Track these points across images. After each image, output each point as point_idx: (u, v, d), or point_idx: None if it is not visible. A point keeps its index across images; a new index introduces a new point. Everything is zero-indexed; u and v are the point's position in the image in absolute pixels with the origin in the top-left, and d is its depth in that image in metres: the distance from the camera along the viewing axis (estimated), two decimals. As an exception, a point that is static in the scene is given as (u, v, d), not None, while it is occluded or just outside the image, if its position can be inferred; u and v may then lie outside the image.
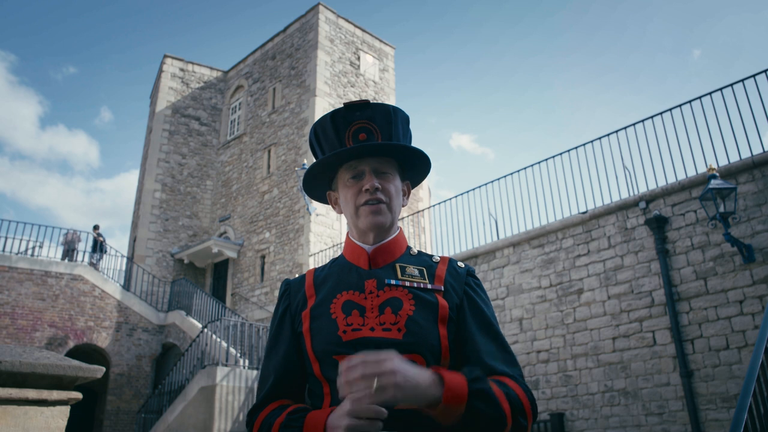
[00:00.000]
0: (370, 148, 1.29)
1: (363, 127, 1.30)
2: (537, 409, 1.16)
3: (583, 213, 9.13)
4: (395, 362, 1.00)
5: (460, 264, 1.35)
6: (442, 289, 1.27)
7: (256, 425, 1.23)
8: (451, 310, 1.24)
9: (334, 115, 1.32)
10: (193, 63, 22.57)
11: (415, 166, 1.39)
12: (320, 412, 1.14)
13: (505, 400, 1.09)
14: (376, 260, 1.31)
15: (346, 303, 1.25)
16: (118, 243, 78.20)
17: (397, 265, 1.30)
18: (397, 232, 1.37)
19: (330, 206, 1.48)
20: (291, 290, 1.38)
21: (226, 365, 11.22)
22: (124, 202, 67.19)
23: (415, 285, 1.26)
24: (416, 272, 1.29)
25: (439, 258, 1.36)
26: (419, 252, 1.38)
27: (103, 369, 2.43)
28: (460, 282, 1.30)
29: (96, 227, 17.47)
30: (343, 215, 1.48)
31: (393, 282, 1.26)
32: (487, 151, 75.99)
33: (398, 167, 1.36)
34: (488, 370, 1.18)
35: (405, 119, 1.37)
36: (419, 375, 1.03)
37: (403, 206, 1.38)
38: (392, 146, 1.30)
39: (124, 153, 71.70)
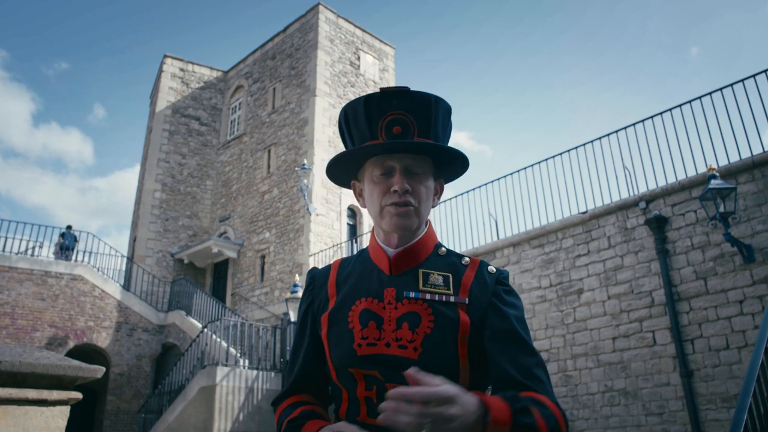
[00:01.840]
0: (403, 146, 1.18)
1: (398, 119, 1.19)
2: (568, 424, 1.10)
3: (583, 213, 9.13)
4: (457, 407, 0.91)
5: (491, 269, 1.25)
6: (466, 302, 1.19)
7: (277, 414, 1.27)
8: (473, 327, 1.17)
9: (368, 101, 1.21)
10: (193, 63, 22.57)
11: (451, 164, 1.28)
12: (313, 424, 1.16)
13: (546, 429, 1.00)
14: (398, 266, 1.24)
15: (364, 312, 1.20)
16: (115, 242, 78.06)
17: (420, 272, 1.22)
18: (425, 230, 1.27)
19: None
20: (315, 284, 1.33)
21: (226, 365, 11.22)
22: (119, 200, 67.01)
23: (437, 298, 1.19)
24: (440, 280, 1.21)
25: (469, 260, 1.26)
26: (448, 251, 1.28)
27: (103, 369, 2.43)
28: (487, 292, 1.21)
29: (69, 227, 17.28)
30: (343, 216, 1.48)
31: (412, 295, 1.19)
32: (484, 148, 75.97)
33: (433, 165, 1.25)
34: (535, 382, 1.12)
35: (447, 111, 1.25)
36: (472, 411, 0.93)
37: (433, 206, 1.28)
38: (427, 146, 1.18)
39: (119, 151, 71.57)
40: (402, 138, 1.18)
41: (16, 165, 66.99)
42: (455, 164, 1.28)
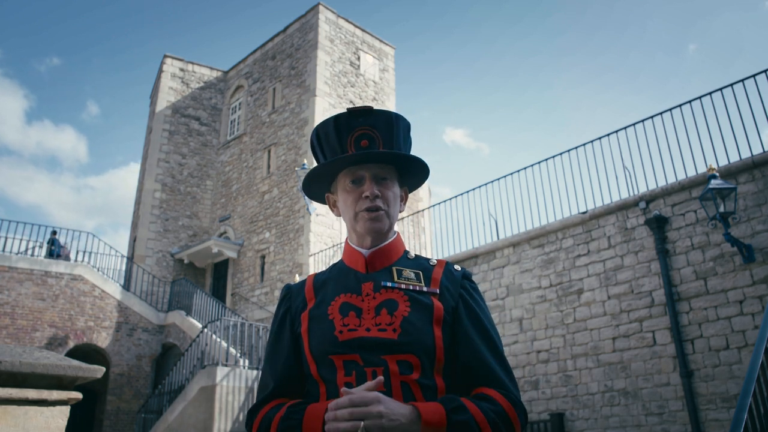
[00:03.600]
0: (371, 156, 1.31)
1: (365, 134, 1.33)
2: (527, 417, 1.21)
3: (583, 213, 9.13)
4: (381, 405, 1.05)
5: (457, 267, 1.38)
6: (438, 291, 1.30)
7: (256, 423, 1.25)
8: (446, 312, 1.27)
9: (336, 120, 1.34)
10: (193, 63, 22.57)
11: (413, 173, 1.42)
12: (319, 404, 1.18)
13: (487, 425, 1.12)
14: (374, 264, 1.34)
15: (344, 305, 1.28)
16: (111, 241, 77.32)
17: (394, 269, 1.33)
18: (394, 236, 1.40)
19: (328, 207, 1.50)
20: (292, 294, 1.41)
21: (226, 365, 11.22)
22: (115, 199, 66.38)
23: (411, 287, 1.29)
24: (412, 275, 1.33)
25: (436, 261, 1.39)
26: (417, 256, 1.41)
27: (103, 369, 2.44)
28: (456, 285, 1.33)
29: (54, 233, 17.11)
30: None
31: (389, 284, 1.29)
32: (482, 146, 75.87)
33: (397, 174, 1.39)
34: (490, 378, 1.23)
35: (406, 127, 1.40)
36: (402, 413, 1.07)
37: (400, 212, 1.42)
38: (393, 155, 1.32)
39: (114, 149, 71.03)
40: (369, 150, 1.32)
41: (10, 163, 66.59)
42: (417, 173, 1.42)
